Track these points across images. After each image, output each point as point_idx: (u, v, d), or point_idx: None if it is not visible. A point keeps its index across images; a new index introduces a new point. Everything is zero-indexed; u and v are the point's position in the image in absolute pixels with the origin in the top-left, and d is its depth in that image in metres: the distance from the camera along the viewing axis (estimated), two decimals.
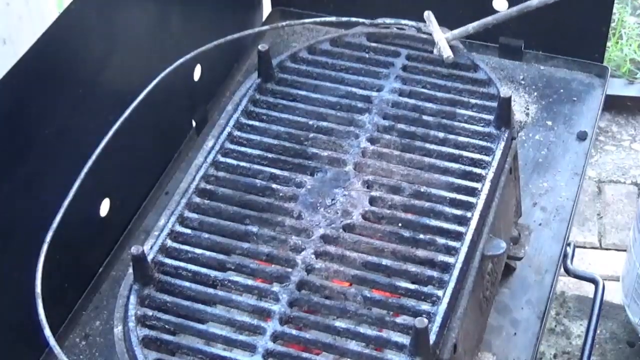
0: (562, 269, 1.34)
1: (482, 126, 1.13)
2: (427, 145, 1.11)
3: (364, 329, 0.95)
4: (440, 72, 1.21)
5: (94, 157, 1.14)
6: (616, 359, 1.79)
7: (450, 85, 1.19)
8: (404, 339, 0.92)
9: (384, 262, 1.00)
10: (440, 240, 1.01)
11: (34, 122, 1.14)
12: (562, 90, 1.57)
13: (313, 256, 1.00)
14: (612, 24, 2.31)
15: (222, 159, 1.12)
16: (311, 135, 1.14)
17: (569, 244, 1.36)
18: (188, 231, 1.04)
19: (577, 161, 1.45)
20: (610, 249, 2.02)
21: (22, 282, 1.06)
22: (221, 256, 1.02)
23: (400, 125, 1.14)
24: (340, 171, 1.09)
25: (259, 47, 1.19)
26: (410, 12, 1.31)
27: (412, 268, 0.99)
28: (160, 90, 1.23)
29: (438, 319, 0.94)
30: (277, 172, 1.10)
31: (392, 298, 0.97)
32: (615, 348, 1.81)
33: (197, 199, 1.08)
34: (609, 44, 2.26)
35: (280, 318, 0.95)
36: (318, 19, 1.39)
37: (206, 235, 1.04)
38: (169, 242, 1.03)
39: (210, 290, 0.99)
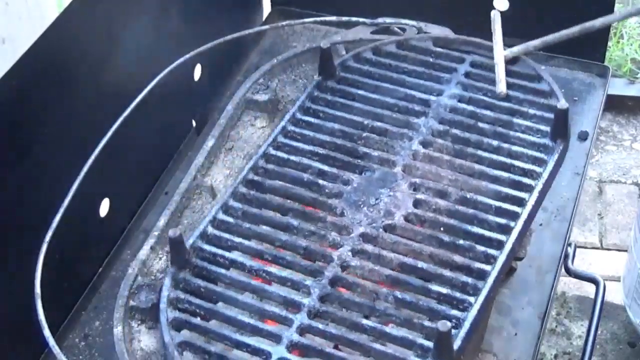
0: (563, 269, 1.34)
1: (538, 137, 1.13)
2: (480, 153, 1.11)
3: (390, 329, 0.95)
4: None
5: (93, 157, 1.14)
6: (617, 359, 1.79)
7: (511, 95, 1.19)
8: (430, 343, 0.92)
9: (420, 264, 1.00)
10: (480, 248, 1.01)
11: (34, 122, 1.14)
12: (562, 90, 1.56)
13: (350, 253, 1.01)
14: (613, 24, 2.30)
15: (273, 152, 1.13)
16: (364, 134, 1.15)
17: (569, 244, 1.36)
18: (230, 220, 1.06)
19: (578, 161, 1.44)
20: (611, 249, 2.02)
21: (21, 282, 1.06)
22: (259, 246, 1.04)
23: (455, 131, 1.14)
24: (388, 172, 1.10)
25: (321, 44, 1.20)
26: (411, 12, 1.31)
27: (447, 273, 0.99)
28: (160, 90, 1.23)
29: (466, 325, 0.94)
30: (326, 168, 1.11)
31: (423, 301, 0.97)
32: (616, 348, 1.81)
33: (244, 189, 1.09)
34: (610, 43, 2.26)
35: (309, 311, 0.96)
36: (318, 19, 1.39)
37: (247, 225, 1.05)
38: (210, 229, 1.05)
39: (244, 279, 1.01)
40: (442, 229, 1.04)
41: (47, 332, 0.99)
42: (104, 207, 1.30)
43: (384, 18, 1.39)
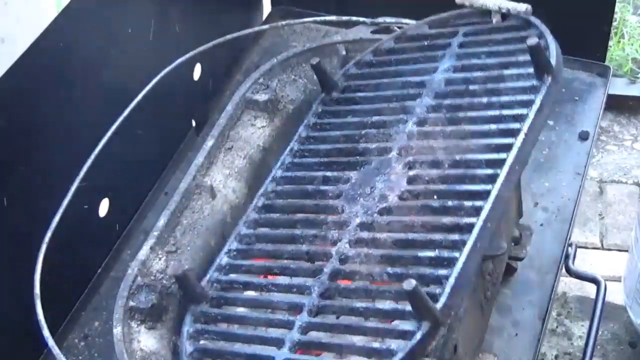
0: (563, 270, 1.34)
1: (526, 80, 1.10)
2: (471, 114, 1.10)
3: (381, 305, 0.95)
4: (495, 39, 1.19)
5: (93, 156, 1.14)
6: None
7: (503, 50, 1.16)
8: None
9: (411, 236, 1.00)
10: (468, 204, 1.00)
11: (33, 122, 1.14)
12: (563, 90, 1.57)
13: (347, 245, 1.02)
14: (614, 23, 2.30)
15: (281, 174, 1.16)
16: (364, 132, 1.15)
17: (570, 245, 1.36)
18: (243, 247, 1.09)
19: (579, 161, 1.44)
20: (612, 250, 2.01)
21: (21, 282, 1.06)
22: (268, 263, 1.06)
23: (448, 101, 1.12)
24: (383, 159, 1.09)
25: (311, 61, 1.22)
26: (411, 11, 1.30)
27: (437, 237, 0.98)
28: (160, 90, 1.22)
29: (451, 280, 0.92)
30: (329, 174, 1.13)
31: (414, 270, 0.96)
32: (617, 349, 1.80)
33: (255, 215, 1.12)
34: (610, 43, 2.26)
35: (310, 310, 0.97)
36: (318, 18, 1.39)
37: (258, 247, 1.09)
38: (225, 259, 1.09)
39: (253, 296, 1.04)
40: (434, 196, 1.03)
41: (46, 332, 0.99)
42: (104, 207, 1.30)
43: (384, 18, 1.38)
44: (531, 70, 1.10)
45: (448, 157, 1.06)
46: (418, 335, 0.88)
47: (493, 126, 1.07)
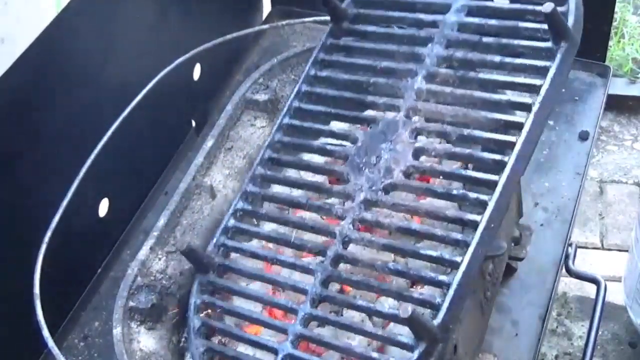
0: (563, 270, 1.34)
1: (541, 39, 1.05)
2: (482, 76, 1.06)
3: (381, 306, 0.96)
4: None
5: (92, 157, 1.14)
6: None
7: None
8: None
9: (414, 226, 1.00)
10: (472, 195, 0.98)
11: (32, 122, 1.14)
12: (563, 90, 1.57)
13: (351, 226, 1.01)
14: (614, 23, 2.30)
15: (288, 121, 1.13)
16: (372, 80, 1.11)
17: (570, 245, 1.36)
18: (249, 207, 1.08)
19: (579, 161, 1.44)
20: (612, 250, 2.01)
21: (21, 283, 1.06)
22: (274, 233, 1.06)
23: (459, 54, 1.08)
24: (390, 121, 1.06)
25: None
26: None
27: (439, 232, 0.98)
28: (160, 90, 1.22)
29: (450, 293, 0.91)
30: (336, 129, 1.10)
31: (414, 269, 0.97)
32: (617, 349, 1.80)
33: (261, 170, 1.10)
34: (610, 43, 2.26)
35: (312, 299, 0.98)
36: (318, 18, 1.39)
37: (264, 211, 1.08)
38: (232, 221, 1.08)
39: (258, 272, 1.04)
40: (440, 177, 1.03)
41: (46, 333, 0.99)
42: (104, 207, 1.30)
43: None
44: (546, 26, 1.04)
45: (456, 130, 1.03)
46: (416, 354, 0.89)
47: (504, 97, 1.04)
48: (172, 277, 1.10)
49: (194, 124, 1.53)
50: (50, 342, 0.98)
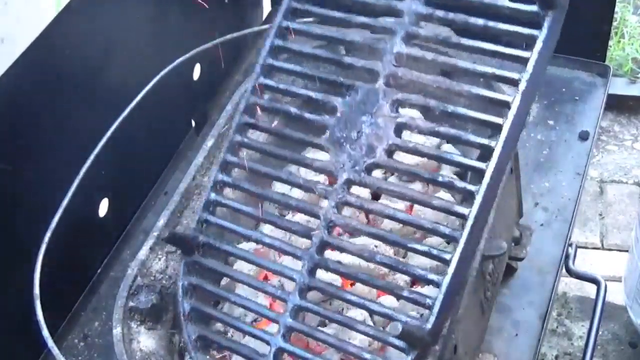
0: (563, 270, 1.34)
1: (528, 2, 0.98)
2: (464, 42, 0.99)
3: (372, 305, 0.94)
4: None
5: (92, 156, 1.14)
6: None
7: None
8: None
9: (400, 215, 0.96)
10: (460, 184, 0.95)
11: (32, 122, 1.14)
12: (563, 90, 1.57)
13: (335, 210, 0.98)
14: (614, 23, 2.30)
15: (262, 81, 1.07)
16: (349, 38, 1.05)
17: (570, 245, 1.36)
18: (229, 179, 1.05)
19: (579, 161, 1.44)
20: (612, 250, 2.01)
21: (20, 283, 1.05)
22: (257, 212, 1.03)
23: (439, 13, 1.00)
24: (370, 90, 1.00)
25: None
26: None
27: (427, 224, 0.95)
28: (160, 90, 1.22)
29: (440, 297, 0.90)
30: (313, 94, 1.04)
31: (402, 264, 0.95)
32: (617, 349, 1.80)
33: (238, 137, 1.07)
34: (610, 43, 2.26)
35: (301, 289, 0.96)
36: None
37: (245, 185, 1.05)
38: (213, 195, 1.05)
39: (244, 253, 1.03)
40: (425, 159, 0.98)
41: (46, 333, 0.99)
42: (104, 207, 1.30)
43: (384, 17, 1.38)
44: None
45: (439, 106, 0.97)
46: (409, 358, 0.89)
47: (489, 70, 0.97)
48: (172, 277, 1.10)
49: (194, 124, 1.53)
50: (50, 342, 0.98)
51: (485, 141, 0.95)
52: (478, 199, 0.93)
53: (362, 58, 1.02)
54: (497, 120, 0.95)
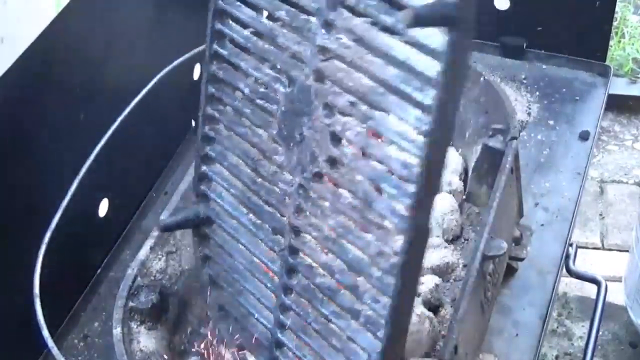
0: (564, 270, 1.33)
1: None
2: (378, 43, 0.84)
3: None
4: None
5: (92, 157, 1.14)
6: None
7: None
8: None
9: (340, 231, 0.89)
10: (386, 214, 0.84)
11: (32, 122, 1.14)
12: (564, 90, 1.57)
13: (296, 214, 0.93)
14: (615, 23, 2.30)
15: (213, 69, 1.01)
16: (277, 14, 0.93)
17: (571, 245, 1.36)
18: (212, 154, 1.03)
19: (580, 161, 1.44)
20: (612, 250, 2.01)
21: (20, 283, 1.05)
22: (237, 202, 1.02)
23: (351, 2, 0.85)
24: (303, 87, 0.89)
25: None
26: None
27: (364, 240, 0.87)
28: (160, 90, 1.22)
29: (385, 333, 0.84)
30: (258, 74, 0.95)
31: (358, 286, 0.89)
32: (618, 349, 1.80)
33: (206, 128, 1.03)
34: (611, 42, 2.25)
35: (283, 287, 0.95)
36: None
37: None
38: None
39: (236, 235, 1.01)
40: (358, 177, 0.87)
41: (46, 333, 0.99)
42: (104, 207, 1.30)
43: None
44: None
45: (367, 114, 0.84)
46: None
47: (408, 89, 0.82)
48: (172, 277, 1.10)
49: (193, 124, 1.53)
50: (50, 342, 0.98)
51: (407, 159, 0.81)
52: (407, 236, 0.83)
53: (288, 45, 0.91)
54: (418, 139, 0.81)
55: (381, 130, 0.83)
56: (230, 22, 0.98)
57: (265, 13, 0.99)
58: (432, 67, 0.76)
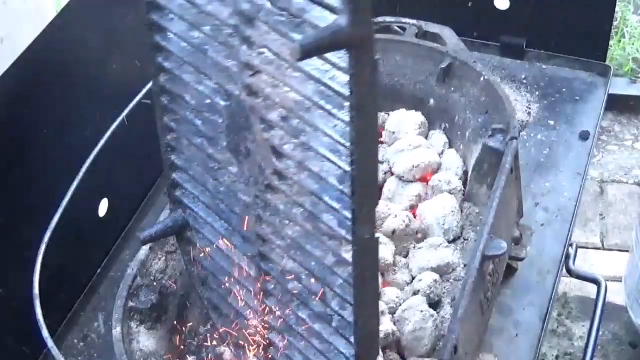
0: (564, 270, 1.33)
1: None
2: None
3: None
4: None
5: (92, 157, 1.14)
6: None
7: None
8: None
9: (301, 239, 0.89)
10: (330, 234, 0.84)
11: (32, 122, 1.14)
12: (564, 90, 1.57)
13: (258, 223, 0.93)
14: (615, 23, 2.30)
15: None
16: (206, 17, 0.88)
17: (571, 245, 1.35)
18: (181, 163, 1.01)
19: (580, 161, 1.44)
20: (612, 250, 2.01)
21: (20, 283, 1.05)
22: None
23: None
24: (239, 101, 0.87)
25: None
26: (411, 11, 1.30)
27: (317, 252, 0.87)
28: None
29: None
30: (202, 87, 0.92)
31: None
32: (618, 349, 1.80)
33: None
34: (611, 42, 2.25)
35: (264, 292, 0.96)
36: None
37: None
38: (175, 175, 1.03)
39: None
40: (299, 193, 0.86)
41: (45, 333, 0.99)
42: (103, 207, 1.30)
43: (384, 17, 1.38)
44: None
45: (299, 127, 0.82)
46: None
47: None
48: (172, 277, 1.10)
49: None
50: (50, 342, 0.98)
51: (341, 167, 0.80)
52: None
53: (222, 54, 0.88)
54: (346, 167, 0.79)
55: (313, 145, 0.82)
56: (169, 34, 0.95)
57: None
58: (346, 84, 0.74)
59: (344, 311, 0.87)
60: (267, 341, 0.98)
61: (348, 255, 0.83)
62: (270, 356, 0.99)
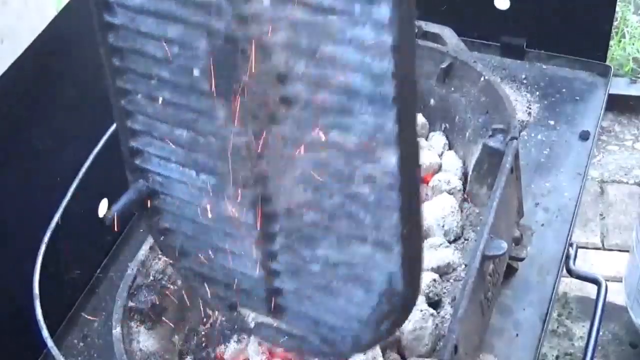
0: (564, 270, 1.33)
1: None
2: None
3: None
4: None
5: (92, 157, 1.14)
6: None
7: None
8: None
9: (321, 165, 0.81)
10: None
11: (32, 121, 1.14)
12: (564, 90, 1.57)
13: (259, 160, 0.84)
14: (615, 23, 2.30)
15: None
16: None
17: (571, 245, 1.35)
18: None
19: (580, 161, 1.44)
20: (612, 250, 2.01)
21: (20, 283, 1.05)
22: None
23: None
24: (228, 35, 0.80)
25: None
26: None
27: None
28: None
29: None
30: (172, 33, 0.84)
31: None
32: (618, 349, 1.80)
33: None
34: (611, 42, 2.25)
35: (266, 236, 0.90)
36: None
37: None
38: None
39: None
40: (323, 103, 0.77)
41: (45, 333, 0.99)
42: (103, 207, 1.30)
43: None
44: None
45: (313, 39, 0.74)
46: None
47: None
48: (172, 277, 1.10)
49: None
50: (50, 342, 0.98)
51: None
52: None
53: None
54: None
55: (335, 51, 0.73)
56: None
57: None
58: None
59: (383, 221, 0.79)
60: (274, 290, 0.91)
61: (392, 160, 0.75)
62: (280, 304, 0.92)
